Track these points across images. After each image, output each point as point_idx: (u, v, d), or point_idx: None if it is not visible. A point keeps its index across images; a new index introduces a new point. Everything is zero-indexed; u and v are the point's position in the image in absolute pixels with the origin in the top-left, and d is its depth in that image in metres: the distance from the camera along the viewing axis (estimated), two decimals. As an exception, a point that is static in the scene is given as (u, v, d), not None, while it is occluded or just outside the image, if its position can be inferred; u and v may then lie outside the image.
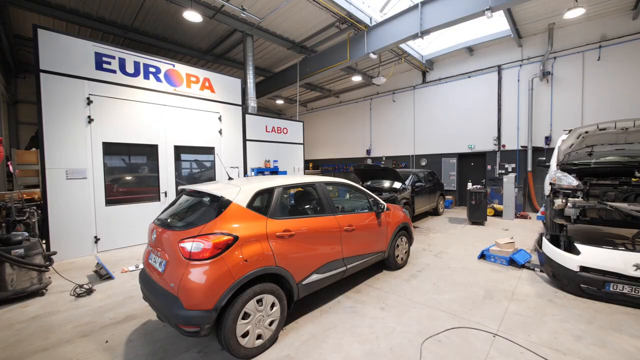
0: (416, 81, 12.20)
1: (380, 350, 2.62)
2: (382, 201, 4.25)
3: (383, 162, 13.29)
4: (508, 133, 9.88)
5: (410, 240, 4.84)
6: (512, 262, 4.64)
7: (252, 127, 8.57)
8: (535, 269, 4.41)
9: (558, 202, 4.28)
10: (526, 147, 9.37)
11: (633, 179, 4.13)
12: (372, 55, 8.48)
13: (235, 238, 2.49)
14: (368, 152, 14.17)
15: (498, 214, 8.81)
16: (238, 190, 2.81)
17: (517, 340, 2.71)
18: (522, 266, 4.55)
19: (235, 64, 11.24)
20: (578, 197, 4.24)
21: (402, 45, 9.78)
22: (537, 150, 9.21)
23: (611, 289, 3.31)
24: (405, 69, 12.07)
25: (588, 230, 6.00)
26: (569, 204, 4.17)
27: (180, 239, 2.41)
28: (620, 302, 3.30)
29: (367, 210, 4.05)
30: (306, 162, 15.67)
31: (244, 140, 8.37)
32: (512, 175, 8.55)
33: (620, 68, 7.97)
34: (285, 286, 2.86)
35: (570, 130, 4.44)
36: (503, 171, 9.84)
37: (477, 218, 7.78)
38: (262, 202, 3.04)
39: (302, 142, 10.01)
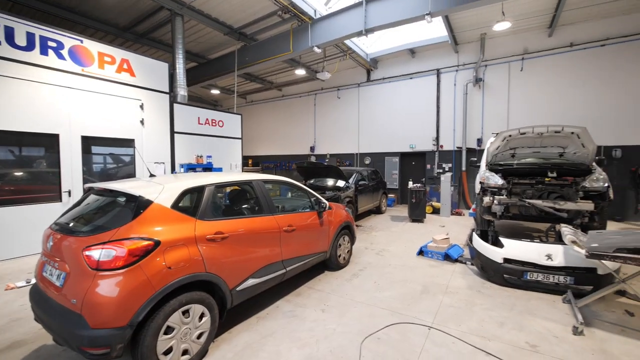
0: (361, 79, 12.82)
1: (319, 354, 2.66)
2: (324, 200, 4.35)
3: (327, 160, 13.65)
4: (446, 134, 11.04)
5: (352, 240, 5.04)
6: (447, 257, 5.17)
7: (182, 118, 7.97)
8: (467, 262, 4.99)
9: (486, 199, 4.92)
10: (461, 148, 10.61)
11: (546, 179, 4.95)
12: (317, 49, 8.63)
13: (157, 243, 2.30)
14: (312, 149, 14.40)
15: (436, 211, 9.79)
16: (161, 189, 2.60)
17: (449, 331, 3.02)
18: (456, 260, 5.10)
19: (162, 45, 10.32)
20: (503, 195, 4.92)
21: (347, 42, 10.18)
22: (470, 151, 10.48)
23: (528, 277, 3.90)
24: (350, 66, 12.58)
25: (512, 225, 7.05)
26: (495, 201, 4.84)
27: (86, 246, 2.15)
28: (535, 288, 3.91)
29: (308, 210, 4.10)
30: (245, 158, 15.24)
31: (172, 132, 7.73)
32: (449, 174, 9.59)
33: (539, 79, 9.54)
34: (217, 294, 2.73)
35: (497, 134, 5.12)
36: (441, 170, 10.97)
37: (417, 216, 8.52)
38: (190, 202, 2.88)
39: (240, 136, 9.67)
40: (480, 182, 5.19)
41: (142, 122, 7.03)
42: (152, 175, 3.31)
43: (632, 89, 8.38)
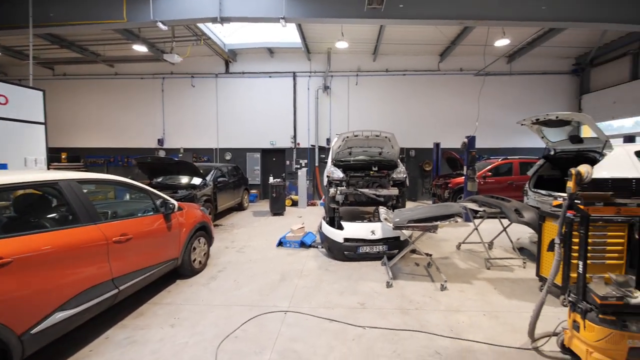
0: (219, 69, 12.12)
1: (166, 377, 2.32)
2: (172, 201, 3.82)
3: (181, 155, 12.17)
4: (302, 133, 12.06)
5: (210, 241, 4.72)
6: (302, 244, 5.66)
7: None
8: (319, 246, 5.63)
9: (332, 190, 5.80)
10: (315, 146, 11.91)
11: (371, 172, 6.23)
12: (162, 26, 7.40)
13: None
14: (160, 142, 12.44)
15: (295, 204, 10.61)
16: None
17: (302, 310, 3.31)
18: (310, 246, 5.67)
19: None
20: (343, 186, 5.86)
21: (202, 27, 9.32)
22: (322, 149, 11.89)
23: (361, 250, 4.82)
24: (206, 53, 11.60)
25: (352, 210, 8.46)
26: (338, 191, 5.71)
27: None
28: (365, 258, 4.87)
29: (152, 213, 3.50)
30: (55, 150, 11.47)
31: None
32: (305, 169, 10.58)
33: (368, 93, 11.90)
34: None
35: (339, 135, 6.05)
36: (298, 166, 11.89)
37: (277, 209, 8.95)
38: None
39: (42, 120, 6.86)
40: (327, 176, 6.03)
41: None
42: None
43: (421, 109, 11.84)
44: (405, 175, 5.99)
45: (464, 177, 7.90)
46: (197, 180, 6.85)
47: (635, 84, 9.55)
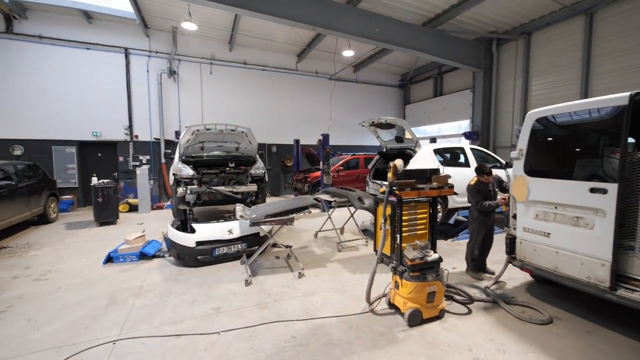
0: (-4, 26, 8.83)
1: None
2: None
3: None
4: (141, 123, 10.44)
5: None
6: (143, 256, 4.94)
7: None
8: (165, 255, 5.04)
9: (180, 190, 5.35)
10: (159, 139, 10.54)
11: (227, 169, 6.11)
12: None
13: None
14: None
15: (134, 208, 9.07)
16: None
17: (140, 334, 2.89)
18: (154, 256, 5.01)
19: None
20: (194, 185, 5.49)
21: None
22: (170, 143, 10.62)
23: (217, 252, 4.66)
24: (-32, -2, 8.19)
25: (210, 210, 7.99)
26: (188, 191, 5.30)
27: None
28: (223, 260, 4.73)
29: None
30: None
31: None
32: (146, 167, 9.18)
33: (224, 84, 11.62)
34: None
35: (188, 127, 5.59)
36: (137, 163, 10.25)
37: (106, 217, 7.42)
38: None
39: None
40: (174, 174, 5.51)
41: None
42: None
43: (281, 106, 12.59)
44: (264, 171, 6.21)
45: (320, 172, 8.95)
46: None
47: (435, 100, 13.55)
